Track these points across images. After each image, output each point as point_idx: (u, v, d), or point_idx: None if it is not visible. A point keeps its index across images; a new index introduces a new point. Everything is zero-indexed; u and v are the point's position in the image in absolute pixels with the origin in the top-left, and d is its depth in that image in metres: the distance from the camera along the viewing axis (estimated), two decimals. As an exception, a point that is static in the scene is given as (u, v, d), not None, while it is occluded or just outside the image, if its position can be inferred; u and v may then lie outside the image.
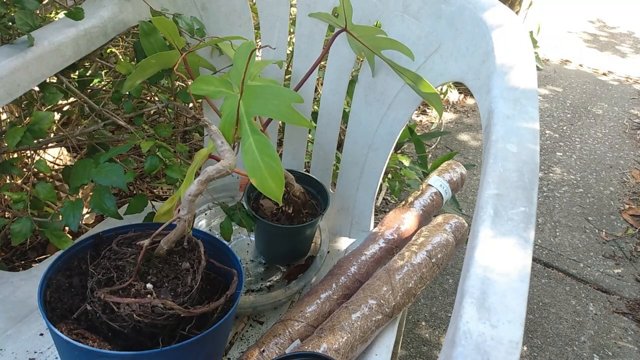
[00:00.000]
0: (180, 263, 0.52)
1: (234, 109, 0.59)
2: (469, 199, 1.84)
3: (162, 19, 0.74)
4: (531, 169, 0.50)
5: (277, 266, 0.83)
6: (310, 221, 0.77)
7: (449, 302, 1.42)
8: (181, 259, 0.53)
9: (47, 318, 0.45)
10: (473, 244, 0.43)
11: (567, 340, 1.35)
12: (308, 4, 0.84)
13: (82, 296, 0.49)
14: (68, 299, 0.48)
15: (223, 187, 0.96)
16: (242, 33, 0.89)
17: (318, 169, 0.93)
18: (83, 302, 0.49)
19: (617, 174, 2.05)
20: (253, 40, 0.84)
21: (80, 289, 0.50)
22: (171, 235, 0.51)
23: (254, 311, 0.75)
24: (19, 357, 0.63)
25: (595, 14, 3.85)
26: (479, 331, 0.36)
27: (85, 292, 0.49)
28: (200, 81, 0.67)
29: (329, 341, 0.62)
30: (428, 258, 0.71)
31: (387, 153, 0.85)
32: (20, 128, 0.70)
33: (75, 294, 0.49)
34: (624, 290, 1.53)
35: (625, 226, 1.78)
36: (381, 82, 0.82)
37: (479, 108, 0.64)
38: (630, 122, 2.42)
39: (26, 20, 0.68)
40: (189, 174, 0.60)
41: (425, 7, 0.75)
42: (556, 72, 2.87)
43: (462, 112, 2.38)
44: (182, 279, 0.51)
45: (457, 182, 0.87)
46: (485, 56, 0.67)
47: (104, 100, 1.00)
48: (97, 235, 0.56)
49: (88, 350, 0.44)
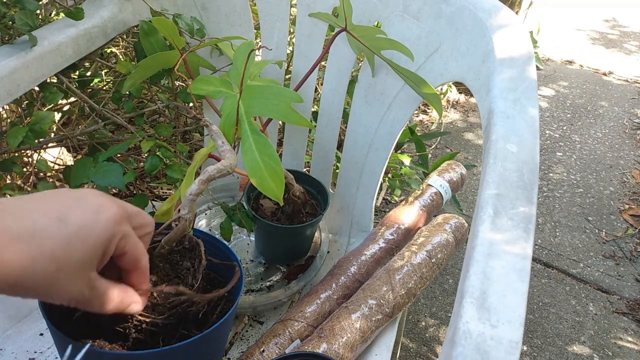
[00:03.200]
0: (181, 262, 0.52)
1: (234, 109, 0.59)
2: (469, 199, 1.84)
3: (162, 20, 0.74)
4: (531, 169, 0.50)
5: (277, 266, 0.83)
6: (310, 221, 0.77)
7: (449, 302, 1.42)
8: (182, 258, 0.53)
9: (47, 318, 0.45)
10: (473, 244, 0.43)
11: (567, 340, 1.35)
12: (308, 4, 0.84)
13: None
14: None
15: (223, 187, 0.96)
16: (242, 33, 0.89)
17: (318, 169, 0.93)
18: None
19: (617, 174, 2.05)
20: (253, 40, 0.84)
21: None
22: (172, 234, 0.51)
23: (254, 311, 0.75)
24: (19, 357, 0.63)
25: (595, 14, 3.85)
26: (479, 331, 0.36)
27: None
28: (200, 81, 0.67)
29: (329, 341, 0.62)
30: (428, 258, 0.71)
31: (387, 153, 0.85)
32: (22, 128, 0.70)
33: None
34: (624, 290, 1.53)
35: (625, 226, 1.78)
36: (381, 82, 0.82)
37: (479, 108, 0.64)
38: (630, 122, 2.42)
39: (26, 21, 0.68)
40: (189, 173, 0.60)
41: (425, 7, 0.75)
42: (556, 72, 2.87)
43: (462, 111, 2.38)
44: (183, 278, 0.51)
45: (457, 182, 0.87)
46: (485, 56, 0.67)
47: (104, 100, 1.00)
48: None
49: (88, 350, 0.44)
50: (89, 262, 0.36)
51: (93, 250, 0.36)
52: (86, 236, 0.35)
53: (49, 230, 0.34)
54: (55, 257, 0.34)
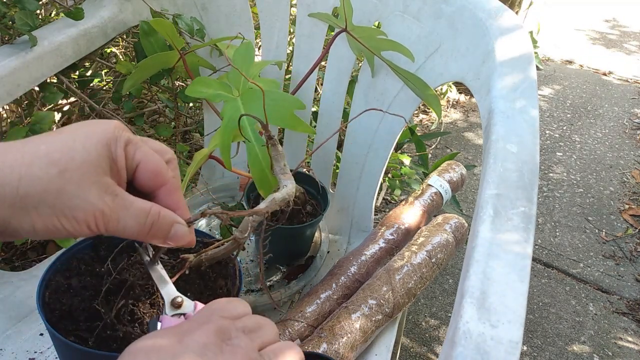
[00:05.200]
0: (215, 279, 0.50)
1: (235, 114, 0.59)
2: (469, 199, 1.84)
3: (161, 21, 0.74)
4: (531, 169, 0.50)
5: (277, 266, 0.83)
6: (310, 221, 0.77)
7: (449, 302, 1.42)
8: (213, 273, 0.51)
9: (46, 319, 0.45)
10: (473, 244, 0.43)
11: (567, 340, 1.35)
12: (308, 4, 0.84)
13: (80, 297, 0.48)
14: (67, 300, 0.48)
15: (223, 187, 0.96)
16: (242, 33, 0.89)
17: (318, 169, 0.93)
18: (82, 304, 0.48)
19: (617, 174, 2.05)
20: (253, 40, 0.84)
21: (79, 290, 0.49)
22: (221, 251, 0.48)
23: (253, 311, 0.75)
24: (19, 357, 0.63)
25: (595, 13, 3.85)
26: (479, 331, 0.36)
27: (84, 294, 0.49)
28: (198, 83, 0.66)
29: (329, 341, 0.62)
30: (428, 258, 0.71)
31: (387, 153, 0.85)
32: (22, 128, 0.70)
33: (74, 295, 0.48)
34: (624, 290, 1.53)
35: (625, 226, 1.78)
36: (381, 82, 0.82)
37: (479, 108, 0.64)
38: (630, 122, 2.42)
39: (26, 21, 0.68)
40: (189, 173, 0.60)
41: (425, 7, 0.75)
42: (556, 72, 2.87)
43: (462, 111, 2.38)
44: (216, 297, 0.49)
45: (457, 182, 0.87)
46: (485, 56, 0.67)
47: (104, 100, 1.00)
48: (96, 237, 0.54)
49: (87, 352, 0.43)
50: (96, 164, 0.31)
51: (96, 152, 0.31)
52: (85, 139, 0.31)
53: (42, 137, 0.30)
54: (53, 160, 0.29)
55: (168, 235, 0.34)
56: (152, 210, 0.33)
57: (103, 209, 0.30)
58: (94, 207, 0.30)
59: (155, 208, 0.33)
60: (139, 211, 0.32)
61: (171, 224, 0.34)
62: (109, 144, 0.32)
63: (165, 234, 0.34)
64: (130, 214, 0.31)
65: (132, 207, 0.32)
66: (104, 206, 0.30)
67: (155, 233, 0.33)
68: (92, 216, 0.30)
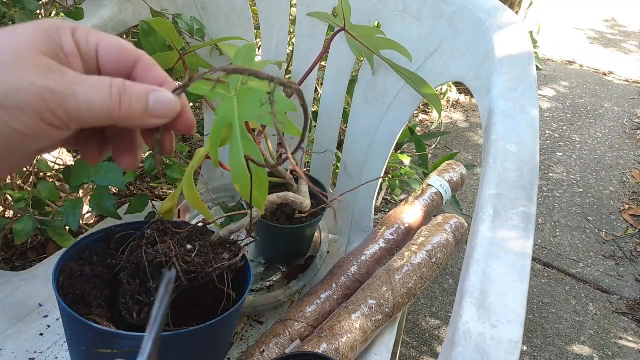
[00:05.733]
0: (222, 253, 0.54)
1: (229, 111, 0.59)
2: (469, 199, 1.84)
3: (161, 21, 0.74)
4: (531, 169, 0.50)
5: (277, 266, 0.83)
6: (310, 221, 0.77)
7: (449, 302, 1.42)
8: (222, 248, 0.54)
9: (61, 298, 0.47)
10: (473, 244, 0.43)
11: (567, 340, 1.35)
12: (308, 4, 0.84)
13: (93, 284, 0.51)
14: (80, 286, 0.51)
15: (223, 187, 0.96)
16: (242, 33, 0.89)
17: (318, 169, 0.93)
18: (95, 291, 0.51)
19: (617, 174, 2.05)
20: (253, 40, 0.84)
21: (92, 278, 0.52)
22: (233, 226, 0.55)
23: (254, 311, 0.75)
24: (19, 357, 0.63)
25: (595, 13, 3.85)
26: (479, 331, 0.36)
27: (96, 282, 0.51)
28: (200, 80, 0.67)
29: (329, 341, 0.62)
30: (428, 258, 0.71)
31: (387, 153, 0.85)
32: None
33: (87, 282, 0.51)
34: (624, 290, 1.53)
35: (625, 226, 1.78)
36: (381, 82, 0.82)
37: (479, 108, 0.64)
38: (630, 122, 2.42)
39: (26, 21, 0.68)
40: (188, 172, 0.60)
41: (425, 7, 0.75)
42: (557, 71, 2.87)
43: (462, 111, 2.38)
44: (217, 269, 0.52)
45: (457, 182, 0.87)
46: (485, 56, 0.67)
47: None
48: (108, 229, 0.57)
49: (102, 331, 0.45)
50: (31, 47, 0.26)
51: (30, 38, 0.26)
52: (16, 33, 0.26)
53: None
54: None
55: (147, 106, 0.29)
56: (114, 80, 0.28)
57: (49, 85, 0.25)
58: (37, 86, 0.25)
59: (118, 79, 0.28)
60: (98, 82, 0.27)
61: (146, 92, 0.29)
62: (47, 30, 0.27)
63: (143, 106, 0.28)
64: (88, 88, 0.26)
65: (87, 81, 0.27)
66: (50, 82, 0.25)
67: (129, 106, 0.28)
68: (39, 99, 0.25)
